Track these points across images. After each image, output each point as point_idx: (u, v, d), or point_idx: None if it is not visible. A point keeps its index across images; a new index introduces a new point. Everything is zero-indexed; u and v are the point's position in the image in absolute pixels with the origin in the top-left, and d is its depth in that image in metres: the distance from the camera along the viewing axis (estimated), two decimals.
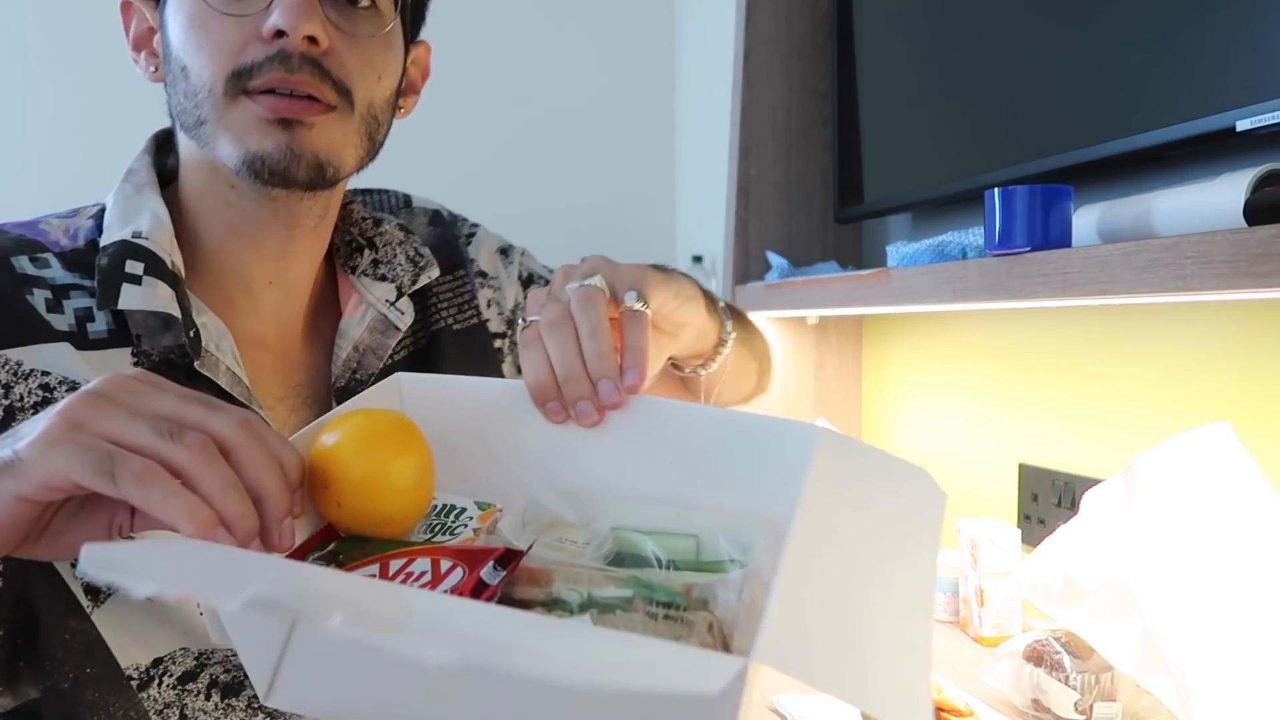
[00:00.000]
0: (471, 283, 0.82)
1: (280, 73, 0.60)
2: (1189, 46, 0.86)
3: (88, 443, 0.41)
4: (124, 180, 0.67)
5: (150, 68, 0.66)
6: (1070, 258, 0.78)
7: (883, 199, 1.39)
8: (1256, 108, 0.77)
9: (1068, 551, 0.85)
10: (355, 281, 0.74)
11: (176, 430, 0.42)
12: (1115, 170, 1.00)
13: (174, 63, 0.63)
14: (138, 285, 0.61)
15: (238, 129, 0.61)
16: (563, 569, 0.45)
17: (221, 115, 0.61)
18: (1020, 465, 1.22)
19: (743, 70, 1.50)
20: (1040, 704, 0.87)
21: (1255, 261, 0.61)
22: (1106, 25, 0.95)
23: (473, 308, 0.81)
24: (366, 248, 0.76)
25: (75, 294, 0.63)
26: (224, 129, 0.61)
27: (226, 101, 0.61)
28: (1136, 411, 1.06)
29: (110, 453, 0.41)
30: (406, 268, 0.76)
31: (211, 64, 0.60)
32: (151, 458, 0.41)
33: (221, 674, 0.64)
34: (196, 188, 0.67)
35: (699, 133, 2.44)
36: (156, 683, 0.62)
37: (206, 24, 0.60)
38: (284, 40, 0.60)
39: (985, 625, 1.08)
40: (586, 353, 0.54)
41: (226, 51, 0.60)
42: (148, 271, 0.62)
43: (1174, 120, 0.86)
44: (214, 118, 0.61)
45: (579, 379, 0.53)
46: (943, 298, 0.96)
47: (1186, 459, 0.81)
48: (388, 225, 0.78)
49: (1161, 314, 1.03)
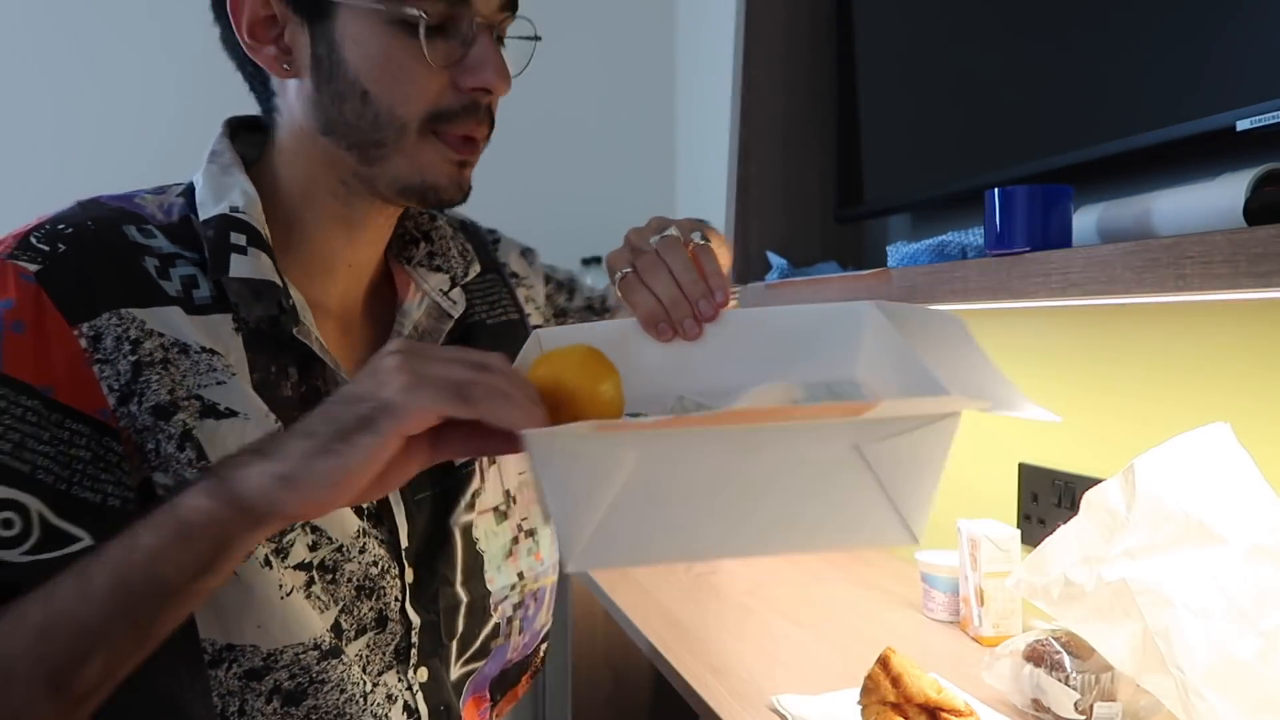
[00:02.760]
0: (507, 283, 0.89)
1: (473, 124, 0.69)
2: (1189, 46, 0.86)
3: (438, 382, 0.51)
4: (210, 161, 0.71)
5: (283, 64, 0.67)
6: (1070, 258, 0.78)
7: (883, 199, 1.39)
8: (1256, 108, 0.77)
9: (1068, 551, 0.85)
10: (411, 271, 0.80)
11: (479, 365, 0.52)
12: (1115, 170, 1.00)
13: (343, 82, 0.66)
14: (244, 255, 0.66)
15: (422, 161, 0.68)
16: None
17: (409, 147, 0.68)
18: (1020, 465, 1.22)
19: (742, 71, 1.50)
20: (1040, 704, 0.87)
21: (1255, 261, 0.61)
22: (1106, 25, 0.95)
23: (505, 305, 0.87)
24: (423, 240, 0.82)
25: (180, 263, 0.67)
26: (407, 157, 0.68)
27: (418, 137, 0.68)
28: (1136, 411, 1.06)
29: (457, 383, 0.51)
30: (459, 261, 0.83)
31: (410, 102, 0.66)
32: (479, 386, 0.51)
33: (285, 680, 0.67)
34: (303, 178, 0.71)
35: (699, 133, 2.44)
36: (225, 667, 0.65)
37: (406, 64, 0.66)
38: (479, 93, 0.68)
39: (985, 625, 1.08)
40: (682, 281, 0.66)
41: (427, 95, 0.67)
42: (250, 243, 0.67)
43: (1174, 120, 0.86)
44: (398, 145, 0.68)
45: (680, 302, 0.66)
46: (943, 298, 0.96)
47: (1186, 459, 0.81)
48: (441, 221, 0.84)
49: (1161, 314, 1.03)
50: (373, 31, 0.65)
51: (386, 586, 0.72)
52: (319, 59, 0.66)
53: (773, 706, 0.92)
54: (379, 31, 0.65)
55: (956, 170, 1.20)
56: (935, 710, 0.81)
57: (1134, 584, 0.77)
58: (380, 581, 0.72)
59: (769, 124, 1.51)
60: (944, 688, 0.83)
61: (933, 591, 1.18)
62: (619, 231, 0.74)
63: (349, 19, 0.65)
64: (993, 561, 1.08)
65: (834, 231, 1.54)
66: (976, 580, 1.09)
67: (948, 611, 1.17)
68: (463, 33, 0.67)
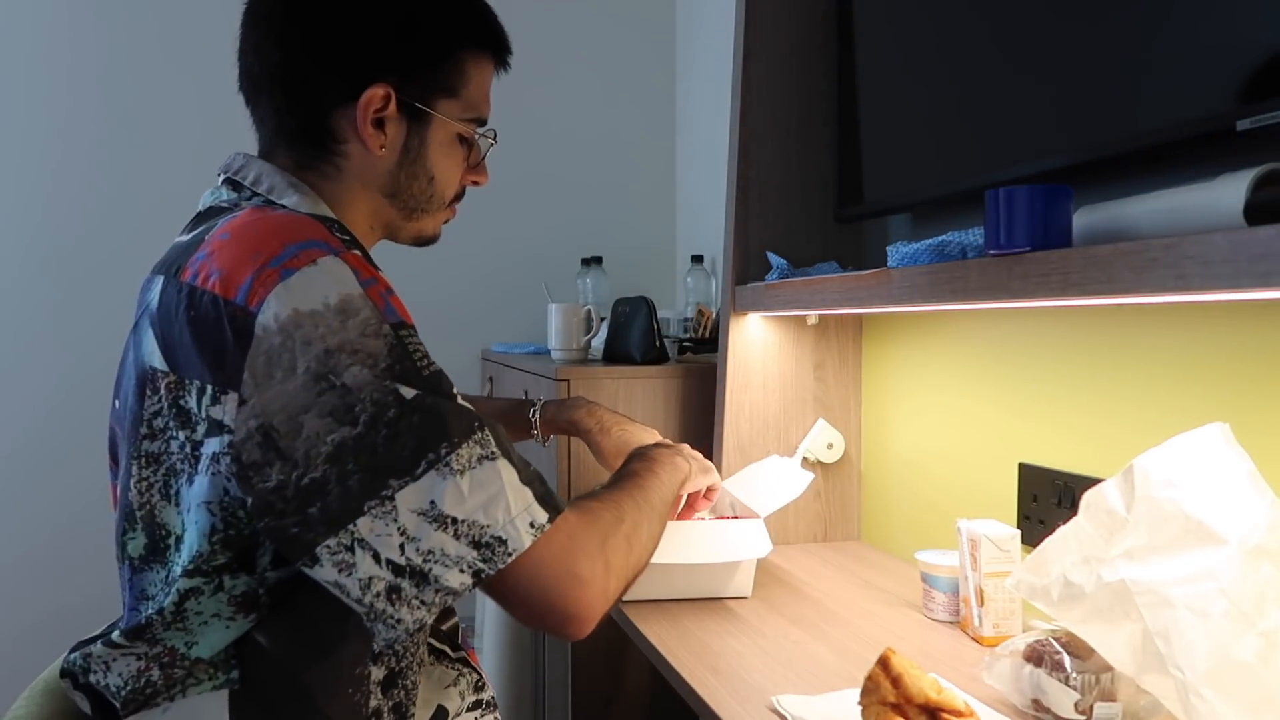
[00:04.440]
0: None
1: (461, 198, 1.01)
2: (1189, 46, 0.86)
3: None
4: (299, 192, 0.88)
5: (379, 145, 0.89)
6: (1070, 258, 0.78)
7: (883, 199, 1.39)
8: (1256, 107, 0.77)
9: (1067, 552, 0.85)
10: None
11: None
12: (1115, 170, 1.00)
13: (420, 165, 0.93)
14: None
15: (437, 222, 0.99)
16: None
17: (436, 212, 0.98)
18: (1020, 465, 1.22)
19: (743, 71, 1.50)
20: (1040, 704, 0.87)
21: (1255, 261, 0.61)
22: (1106, 25, 0.95)
23: None
24: None
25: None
26: (433, 220, 0.98)
27: (444, 207, 0.98)
28: (1136, 411, 1.06)
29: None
30: None
31: (451, 187, 0.97)
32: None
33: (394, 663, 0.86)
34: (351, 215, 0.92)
35: (699, 133, 2.44)
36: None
37: (459, 163, 0.97)
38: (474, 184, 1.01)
39: (985, 625, 1.08)
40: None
41: (457, 180, 0.98)
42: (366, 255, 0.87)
43: (1174, 120, 0.86)
44: (433, 213, 0.97)
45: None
46: (943, 298, 0.96)
47: (1186, 459, 0.81)
48: None
49: (1161, 314, 1.03)
50: (450, 138, 0.94)
51: None
52: (409, 148, 0.91)
53: (773, 706, 0.92)
54: (451, 139, 0.94)
55: (956, 170, 1.20)
56: (935, 710, 0.81)
57: (1134, 584, 0.77)
58: None
59: (769, 124, 1.51)
60: (944, 688, 0.83)
61: (933, 591, 1.18)
62: (619, 231, 0.76)
63: (439, 126, 0.92)
64: (993, 561, 1.08)
65: (834, 231, 1.54)
66: (976, 580, 1.09)
67: (948, 611, 1.17)
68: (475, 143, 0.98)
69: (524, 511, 0.74)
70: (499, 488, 0.73)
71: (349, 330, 0.72)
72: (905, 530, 1.50)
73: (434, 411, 0.72)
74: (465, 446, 0.73)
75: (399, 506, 0.70)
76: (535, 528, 0.74)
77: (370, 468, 0.70)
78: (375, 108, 0.87)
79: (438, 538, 0.71)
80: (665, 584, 1.25)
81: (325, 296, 0.72)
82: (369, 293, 0.74)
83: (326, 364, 0.71)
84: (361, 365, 0.71)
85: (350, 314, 0.72)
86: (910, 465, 1.49)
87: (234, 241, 0.76)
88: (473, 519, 0.72)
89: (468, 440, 0.73)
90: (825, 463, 1.57)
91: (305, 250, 0.74)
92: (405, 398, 0.72)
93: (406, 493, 0.70)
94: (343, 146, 0.89)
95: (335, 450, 0.70)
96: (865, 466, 1.60)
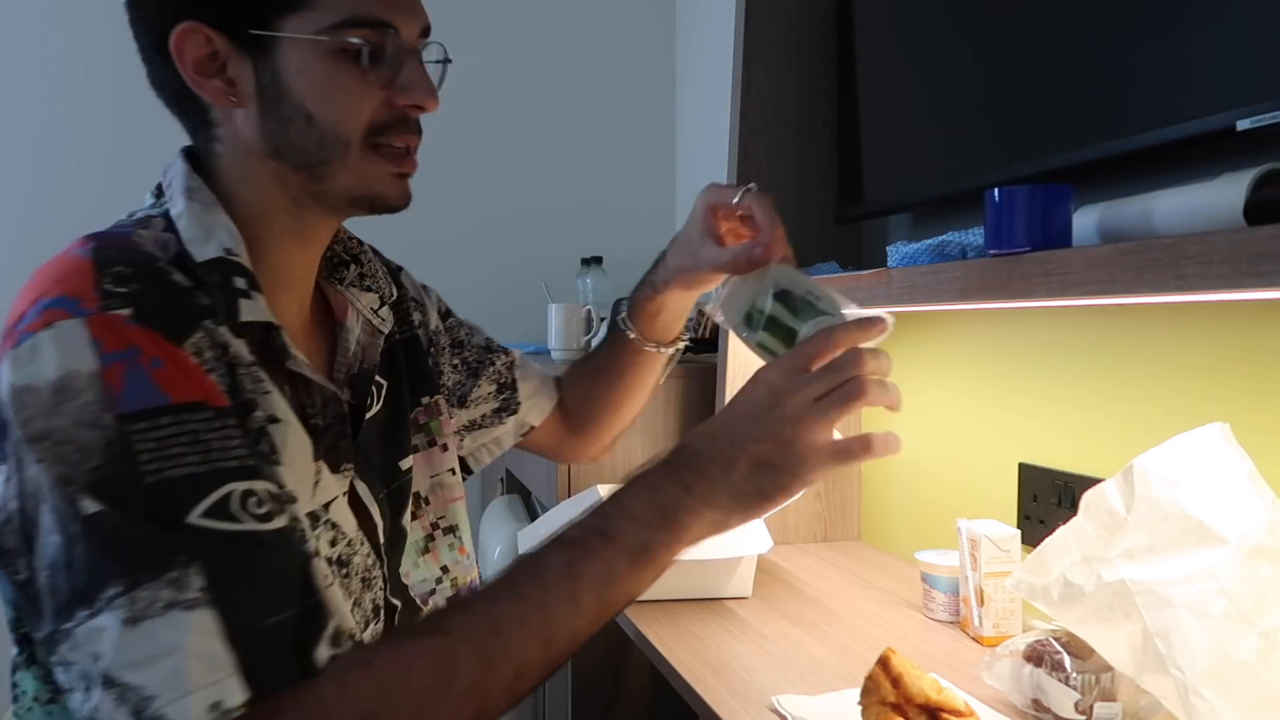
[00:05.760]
0: (408, 303, 0.95)
1: (405, 134, 0.75)
2: (1189, 46, 0.86)
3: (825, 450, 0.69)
4: (190, 199, 0.72)
5: (229, 96, 0.72)
6: (1070, 258, 0.78)
7: (883, 199, 1.39)
8: (1256, 108, 0.77)
9: (1067, 552, 0.85)
10: (344, 291, 0.86)
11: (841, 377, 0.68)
12: (1115, 170, 1.00)
13: (290, 107, 0.72)
14: (249, 299, 0.70)
15: (367, 175, 0.75)
16: None
17: (353, 162, 0.74)
18: (1020, 465, 1.22)
19: (743, 71, 1.50)
20: (1040, 704, 0.87)
21: (1255, 261, 0.61)
22: (1107, 25, 0.95)
23: (408, 323, 0.94)
24: (352, 263, 0.88)
25: (197, 294, 0.68)
26: (352, 173, 0.74)
27: (360, 152, 0.73)
28: (1136, 411, 1.06)
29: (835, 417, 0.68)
30: (386, 282, 0.90)
31: (350, 120, 0.73)
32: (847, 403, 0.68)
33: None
34: (257, 200, 0.75)
35: (699, 133, 2.44)
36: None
37: (347, 86, 0.72)
38: (411, 109, 0.75)
39: (985, 625, 1.08)
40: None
41: (365, 112, 0.73)
42: (251, 286, 0.71)
43: (1174, 120, 0.86)
44: (343, 162, 0.73)
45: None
46: (943, 298, 0.96)
47: (1185, 459, 0.81)
48: (366, 246, 0.91)
49: (1161, 314, 1.03)
50: (314, 60, 0.71)
51: (376, 578, 0.79)
52: (264, 88, 0.72)
53: (773, 706, 0.92)
54: (320, 60, 0.71)
55: (956, 170, 1.20)
56: (935, 710, 0.81)
57: (1133, 584, 0.77)
58: (373, 573, 0.78)
59: (769, 124, 1.51)
60: (944, 688, 0.83)
61: (933, 591, 1.18)
62: (619, 232, 0.76)
63: (290, 50, 0.71)
64: (993, 561, 1.08)
65: (834, 231, 1.54)
66: (976, 580, 1.09)
67: (948, 611, 1.17)
68: (392, 56, 0.73)
69: (207, 688, 0.55)
70: (175, 649, 0.55)
71: (62, 416, 0.58)
72: (905, 530, 1.50)
73: (116, 537, 0.57)
74: (147, 588, 0.56)
75: (80, 643, 0.57)
76: (216, 713, 0.55)
77: (63, 588, 0.58)
78: (197, 53, 0.70)
79: (100, 696, 0.56)
80: (665, 584, 1.24)
81: (46, 371, 0.59)
82: (107, 370, 0.59)
83: (18, 455, 0.59)
84: (52, 463, 0.58)
85: (69, 396, 0.59)
86: (910, 465, 1.49)
87: (24, 288, 0.65)
88: (136, 684, 0.55)
89: (154, 580, 0.56)
90: None
91: (50, 309, 0.61)
92: (82, 514, 0.57)
93: (85, 630, 0.57)
94: (209, 114, 0.74)
95: (51, 556, 0.58)
96: (865, 466, 1.60)
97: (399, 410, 0.87)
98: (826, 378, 0.68)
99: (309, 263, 0.81)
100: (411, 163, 0.77)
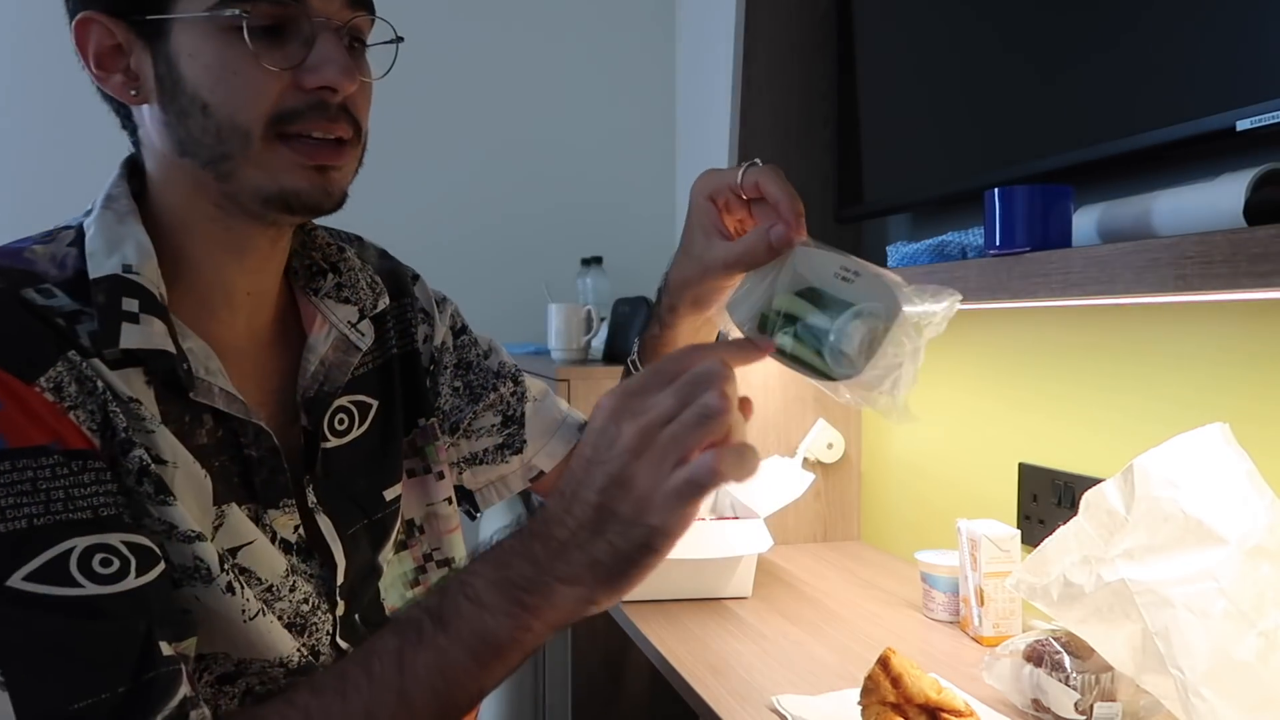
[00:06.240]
0: (414, 314, 0.88)
1: (322, 122, 0.66)
2: (1189, 46, 0.86)
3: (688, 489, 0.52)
4: (105, 207, 0.67)
5: (130, 90, 0.66)
6: (1070, 258, 0.78)
7: (883, 199, 1.39)
8: (1256, 108, 0.77)
9: (1067, 552, 0.85)
10: (318, 303, 0.78)
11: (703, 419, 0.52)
12: (1115, 170, 1.00)
13: (185, 98, 0.65)
14: (136, 324, 0.63)
15: (274, 169, 0.66)
16: None
17: (257, 155, 0.65)
18: (1020, 465, 1.22)
19: (743, 71, 1.50)
20: (1040, 704, 0.87)
21: (1255, 261, 0.61)
22: (1107, 25, 0.95)
23: (409, 336, 0.86)
24: (330, 271, 0.80)
25: (85, 319, 0.63)
26: (257, 167, 0.65)
27: (264, 144, 0.65)
28: (1136, 411, 1.06)
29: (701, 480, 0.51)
30: (368, 293, 0.81)
31: (248, 108, 0.64)
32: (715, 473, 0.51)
33: (257, 685, 0.67)
34: (180, 207, 0.69)
35: (699, 133, 2.44)
36: (199, 676, 0.65)
37: (241, 70, 0.64)
38: (324, 93, 0.66)
39: (985, 625, 1.08)
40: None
41: (266, 97, 0.64)
42: (143, 309, 0.63)
43: (1174, 120, 0.86)
44: (245, 155, 0.65)
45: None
46: None
47: (1185, 459, 0.81)
48: (350, 252, 0.82)
49: (1161, 314, 1.03)
50: (205, 42, 0.64)
51: (318, 623, 0.71)
52: (161, 79, 0.65)
53: (773, 706, 0.92)
54: (211, 41, 0.64)
55: (956, 170, 1.20)
56: (935, 710, 0.81)
57: (1133, 584, 0.77)
58: (311, 618, 0.71)
59: (769, 124, 1.51)
60: (944, 688, 0.83)
61: (933, 591, 1.18)
62: (619, 232, 0.74)
63: (182, 33, 0.64)
64: (993, 561, 1.08)
65: (834, 231, 1.54)
66: (976, 580, 1.09)
67: (948, 611, 1.17)
68: (303, 33, 0.65)
69: None
70: None
71: None
72: (905, 530, 1.50)
73: None
74: None
75: None
76: None
77: None
78: (99, 46, 0.66)
79: None
80: (665, 583, 1.25)
81: None
82: None
83: None
84: None
85: None
86: (910, 465, 1.49)
87: None
88: None
89: None
90: (825, 463, 1.57)
91: None
92: None
93: None
94: (133, 123, 0.70)
95: None
96: (865, 466, 1.60)
97: (389, 433, 0.80)
98: (678, 394, 0.53)
99: (256, 276, 0.73)
100: (331, 153, 0.67)
